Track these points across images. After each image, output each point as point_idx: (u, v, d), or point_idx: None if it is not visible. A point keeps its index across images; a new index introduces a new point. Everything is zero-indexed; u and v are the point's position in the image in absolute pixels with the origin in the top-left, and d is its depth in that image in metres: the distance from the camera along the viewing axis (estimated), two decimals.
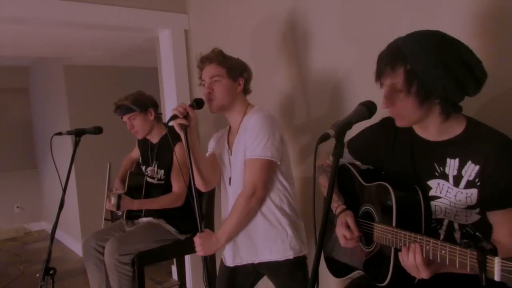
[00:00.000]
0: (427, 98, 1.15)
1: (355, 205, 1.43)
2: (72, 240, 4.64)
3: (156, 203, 2.41)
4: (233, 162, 1.81)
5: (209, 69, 1.77)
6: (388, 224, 1.22)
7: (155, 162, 2.55)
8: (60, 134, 2.12)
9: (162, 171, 2.50)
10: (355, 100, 1.26)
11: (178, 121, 1.65)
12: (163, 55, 3.05)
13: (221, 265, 1.91)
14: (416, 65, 1.12)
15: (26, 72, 5.44)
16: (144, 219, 2.50)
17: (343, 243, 1.38)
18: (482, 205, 1.16)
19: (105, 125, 2.22)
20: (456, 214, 1.21)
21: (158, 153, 2.54)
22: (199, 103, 1.72)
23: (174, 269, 3.45)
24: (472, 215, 1.19)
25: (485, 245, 0.88)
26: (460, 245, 0.96)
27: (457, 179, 1.19)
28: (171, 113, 1.66)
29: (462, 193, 1.18)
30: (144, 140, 2.64)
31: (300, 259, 1.77)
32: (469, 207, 1.18)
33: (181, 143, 1.81)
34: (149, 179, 2.55)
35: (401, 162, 1.32)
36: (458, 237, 1.22)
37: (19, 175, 5.35)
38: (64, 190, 1.95)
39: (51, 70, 4.66)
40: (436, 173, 1.23)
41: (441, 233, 1.24)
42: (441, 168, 1.22)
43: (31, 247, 4.84)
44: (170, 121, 1.65)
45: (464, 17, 1.51)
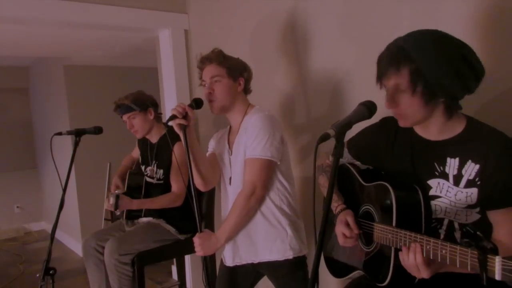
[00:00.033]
0: (432, 97, 1.15)
1: (355, 205, 1.43)
2: (72, 240, 4.64)
3: (155, 203, 2.41)
4: (233, 162, 1.81)
5: (209, 69, 1.77)
6: (388, 224, 1.22)
7: (154, 162, 2.55)
8: (60, 134, 2.12)
9: (161, 171, 2.50)
10: (355, 100, 1.26)
11: (177, 121, 1.65)
12: (163, 55, 3.05)
13: (221, 265, 1.91)
14: (421, 64, 1.12)
15: (26, 72, 5.44)
16: (144, 219, 2.50)
17: (341, 242, 1.38)
18: (482, 205, 1.16)
19: (105, 125, 2.22)
20: (456, 214, 1.21)
21: (157, 153, 2.54)
22: (198, 103, 1.73)
23: (174, 269, 3.45)
24: (472, 215, 1.19)
25: (486, 244, 0.88)
26: (460, 244, 0.96)
27: (457, 179, 1.19)
28: (170, 113, 1.67)
29: (462, 192, 1.18)
30: (143, 139, 2.64)
31: (300, 259, 1.77)
32: (469, 207, 1.18)
33: (180, 142, 1.81)
34: (148, 179, 2.55)
35: (401, 161, 1.32)
36: (458, 237, 1.22)
37: (19, 175, 5.35)
38: (64, 190, 1.95)
39: (51, 70, 4.66)
40: (436, 173, 1.23)
41: (441, 232, 1.24)
42: (441, 167, 1.22)
43: (31, 247, 4.83)
44: (169, 121, 1.66)
45: (464, 17, 1.51)
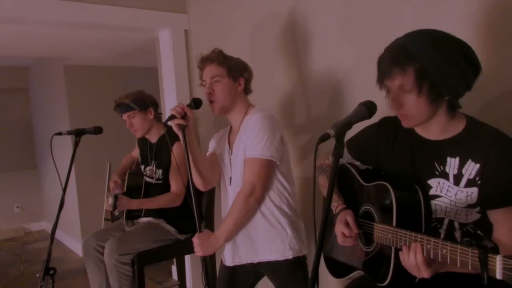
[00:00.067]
0: (438, 96, 1.14)
1: (354, 205, 1.43)
2: (72, 240, 4.64)
3: (154, 202, 2.41)
4: (233, 162, 1.81)
5: (209, 69, 1.77)
6: (388, 223, 1.22)
7: (153, 162, 2.55)
8: (60, 134, 2.11)
9: (161, 170, 2.50)
10: (355, 100, 1.26)
11: (176, 121, 1.64)
12: (163, 55, 3.05)
13: (221, 265, 1.91)
14: (425, 63, 1.11)
15: (26, 72, 5.44)
16: (144, 219, 2.50)
17: (341, 241, 1.38)
18: (483, 204, 1.16)
19: (105, 125, 2.22)
20: (456, 213, 1.21)
21: (156, 153, 2.54)
22: (197, 103, 1.72)
23: (174, 269, 3.45)
24: (473, 214, 1.19)
25: (487, 243, 0.88)
26: (461, 243, 0.96)
27: (458, 178, 1.19)
28: (169, 113, 1.66)
29: (462, 192, 1.18)
30: (143, 139, 2.64)
31: (300, 259, 1.77)
32: (470, 206, 1.18)
33: (179, 142, 1.81)
34: (147, 179, 2.55)
35: (401, 161, 1.32)
36: (458, 236, 1.22)
37: (19, 175, 5.35)
38: (64, 190, 1.95)
39: (51, 70, 4.66)
40: (437, 172, 1.23)
41: (442, 232, 1.24)
42: (441, 167, 1.22)
43: (31, 247, 4.83)
44: (168, 121, 1.65)
45: (465, 17, 1.51)
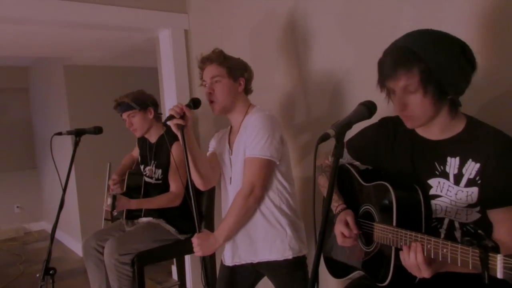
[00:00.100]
0: (443, 96, 1.14)
1: (354, 205, 1.43)
2: (72, 240, 4.64)
3: (153, 202, 2.41)
4: (233, 161, 1.81)
5: (209, 69, 1.77)
6: (389, 223, 1.21)
7: (153, 162, 2.55)
8: (60, 134, 2.11)
9: (160, 170, 2.50)
10: (355, 100, 1.26)
11: (175, 121, 1.64)
12: (163, 55, 3.05)
13: (221, 265, 1.91)
14: (430, 63, 1.10)
15: (26, 72, 5.44)
16: (144, 219, 2.50)
17: (340, 242, 1.38)
18: (483, 204, 1.16)
19: (105, 125, 2.22)
20: (456, 213, 1.20)
21: (156, 153, 2.54)
22: (195, 103, 1.72)
23: (174, 269, 3.45)
24: (473, 214, 1.19)
25: (487, 242, 0.88)
26: (462, 243, 0.96)
27: (458, 178, 1.19)
28: (167, 113, 1.66)
29: (462, 191, 1.18)
30: (143, 139, 2.64)
31: (300, 259, 1.76)
32: (470, 206, 1.18)
33: (178, 142, 1.81)
34: (147, 179, 2.55)
35: (400, 161, 1.32)
36: (458, 236, 1.21)
37: (19, 175, 5.35)
38: (64, 190, 1.95)
39: (51, 70, 4.66)
40: (437, 172, 1.23)
41: (442, 232, 1.24)
42: (441, 166, 1.22)
43: (31, 247, 4.83)
44: (167, 121, 1.65)
45: (465, 17, 1.51)
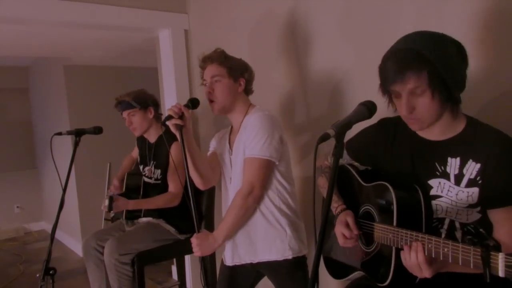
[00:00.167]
0: (449, 96, 1.14)
1: (354, 205, 1.42)
2: (72, 240, 4.64)
3: (151, 203, 2.41)
4: (233, 161, 1.81)
5: (210, 69, 1.77)
6: (389, 223, 1.21)
7: (152, 162, 2.55)
8: (60, 134, 2.11)
9: (159, 170, 2.50)
10: (355, 100, 1.26)
11: (173, 121, 1.63)
12: (163, 55, 3.05)
13: (222, 265, 1.91)
14: (437, 64, 1.10)
15: (26, 72, 5.44)
16: (143, 219, 2.50)
17: (341, 243, 1.37)
18: (483, 203, 1.16)
19: (105, 125, 2.22)
20: (457, 213, 1.20)
21: (155, 153, 2.54)
22: (194, 103, 1.71)
23: (174, 269, 3.45)
24: (473, 214, 1.19)
25: (489, 241, 0.88)
26: (463, 242, 0.96)
27: (458, 178, 1.19)
28: (166, 113, 1.66)
29: (463, 192, 1.18)
30: (142, 139, 2.64)
31: (300, 259, 1.76)
32: (470, 206, 1.18)
33: (178, 142, 1.80)
34: (146, 179, 2.55)
35: (400, 162, 1.32)
36: (459, 236, 1.21)
37: (19, 175, 5.35)
38: (64, 190, 1.95)
39: (51, 70, 4.66)
40: (437, 173, 1.23)
41: (443, 232, 1.23)
42: (442, 167, 1.22)
43: (31, 247, 4.83)
44: (165, 121, 1.65)
45: (465, 17, 1.51)
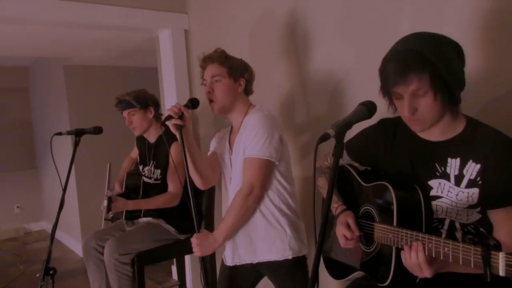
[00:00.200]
0: (451, 97, 1.14)
1: (354, 205, 1.42)
2: (72, 240, 4.64)
3: (151, 203, 2.41)
4: (233, 161, 1.81)
5: (210, 68, 1.77)
6: (389, 223, 1.21)
7: (152, 162, 2.55)
8: (60, 134, 2.11)
9: (159, 171, 2.50)
10: (355, 100, 1.26)
11: (173, 121, 1.63)
12: (163, 55, 3.05)
13: (222, 265, 1.91)
14: (439, 65, 1.10)
15: (26, 72, 5.44)
16: (143, 219, 2.50)
17: (343, 244, 1.37)
18: (483, 204, 1.16)
19: (105, 125, 2.21)
20: (457, 214, 1.20)
21: (155, 153, 2.53)
22: (194, 103, 1.71)
23: (174, 269, 3.45)
24: (473, 214, 1.19)
25: (489, 240, 0.88)
26: (463, 241, 0.96)
27: (459, 179, 1.19)
28: (166, 113, 1.66)
29: (463, 192, 1.18)
30: (142, 139, 2.64)
31: (300, 260, 1.76)
32: (471, 207, 1.18)
33: (177, 142, 1.79)
34: (146, 179, 2.55)
35: (400, 162, 1.32)
36: (459, 237, 1.21)
37: (19, 175, 5.35)
38: (64, 190, 1.95)
39: (51, 70, 4.66)
40: (437, 173, 1.23)
41: (443, 232, 1.23)
42: (442, 168, 1.22)
43: (31, 247, 4.83)
44: (165, 121, 1.65)
45: (465, 18, 1.51)
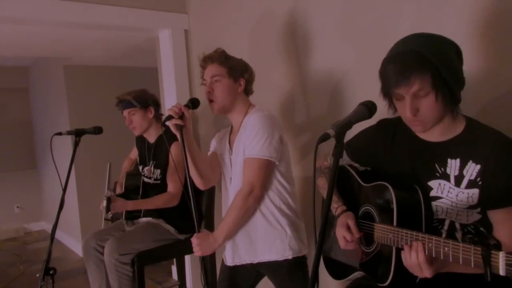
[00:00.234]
0: (453, 97, 1.14)
1: (354, 206, 1.42)
2: (72, 240, 4.64)
3: (150, 203, 2.41)
4: (233, 161, 1.81)
5: (210, 68, 1.77)
6: (389, 223, 1.21)
7: (151, 162, 2.55)
8: (60, 134, 2.11)
9: (159, 171, 2.50)
10: (355, 100, 1.26)
11: (173, 121, 1.63)
12: (163, 55, 3.05)
13: (222, 265, 1.91)
14: (440, 66, 1.10)
15: (26, 72, 5.44)
16: (143, 219, 2.50)
17: (343, 245, 1.37)
18: (483, 204, 1.16)
19: (105, 125, 2.22)
20: (457, 214, 1.20)
21: (155, 153, 2.53)
22: (194, 103, 1.71)
23: (174, 269, 3.45)
24: (473, 215, 1.19)
25: (489, 240, 0.88)
26: (464, 241, 0.96)
27: (459, 179, 1.19)
28: (166, 113, 1.65)
29: (463, 193, 1.18)
30: (142, 139, 2.64)
31: (300, 260, 1.76)
32: (471, 207, 1.18)
33: (177, 142, 1.79)
34: (145, 179, 2.55)
35: (400, 162, 1.31)
36: (459, 237, 1.21)
37: (19, 175, 5.35)
38: (64, 190, 1.95)
39: (51, 70, 4.66)
40: (437, 174, 1.23)
41: (443, 232, 1.23)
42: (442, 168, 1.22)
43: (31, 247, 4.83)
44: (165, 121, 1.65)
45: (465, 18, 1.51)
